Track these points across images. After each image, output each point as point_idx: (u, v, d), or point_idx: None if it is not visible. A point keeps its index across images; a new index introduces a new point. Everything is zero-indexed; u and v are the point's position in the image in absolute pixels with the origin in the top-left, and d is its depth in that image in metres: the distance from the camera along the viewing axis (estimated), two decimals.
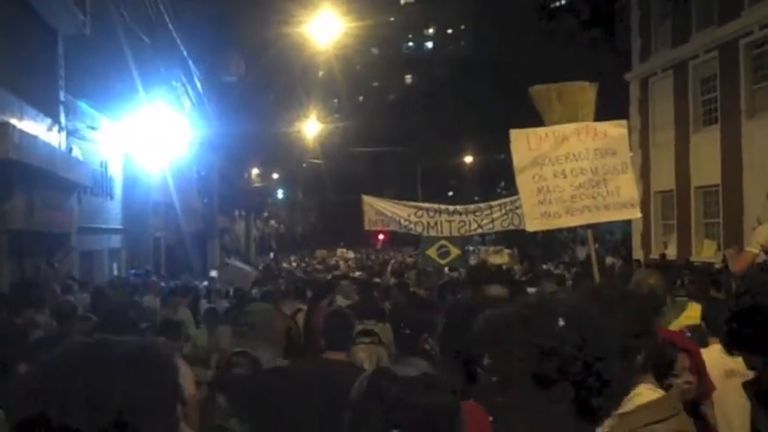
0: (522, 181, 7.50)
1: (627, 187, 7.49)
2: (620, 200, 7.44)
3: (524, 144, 7.49)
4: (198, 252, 28.80)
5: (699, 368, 5.20)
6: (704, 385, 5.16)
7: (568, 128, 7.48)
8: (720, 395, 5.21)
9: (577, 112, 7.58)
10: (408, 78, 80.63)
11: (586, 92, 7.76)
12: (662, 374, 3.07)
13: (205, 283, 19.80)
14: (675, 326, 6.09)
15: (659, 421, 2.45)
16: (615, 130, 7.66)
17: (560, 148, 7.38)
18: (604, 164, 7.40)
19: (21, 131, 14.07)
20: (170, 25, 20.43)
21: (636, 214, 7.88)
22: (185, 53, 24.13)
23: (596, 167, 7.38)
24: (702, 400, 5.13)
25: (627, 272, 13.97)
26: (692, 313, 6.58)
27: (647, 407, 2.49)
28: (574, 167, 7.37)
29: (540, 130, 7.56)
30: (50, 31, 17.47)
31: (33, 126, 15.53)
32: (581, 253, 34.14)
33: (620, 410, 2.47)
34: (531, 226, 7.61)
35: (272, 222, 69.23)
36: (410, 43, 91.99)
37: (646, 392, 2.55)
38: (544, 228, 7.79)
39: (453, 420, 2.75)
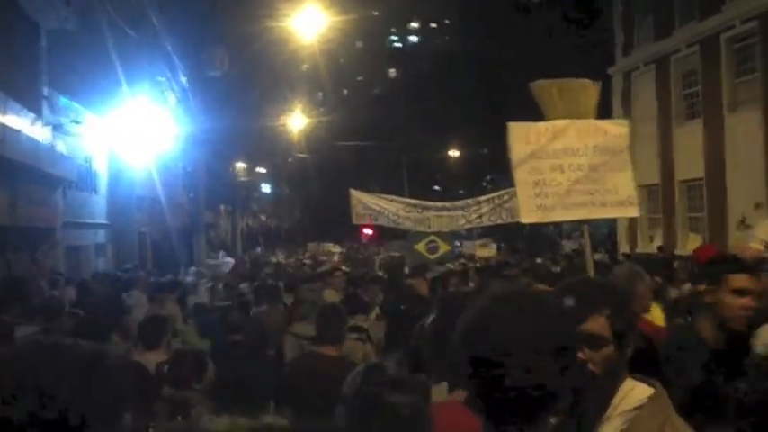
0: (518, 173, 7.45)
1: (625, 185, 7.43)
2: (617, 198, 7.40)
3: (523, 137, 7.43)
4: (184, 247, 28.73)
5: None
6: None
7: (568, 123, 7.44)
8: None
9: (578, 109, 7.54)
10: (393, 72, 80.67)
11: (588, 90, 7.72)
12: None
13: (190, 278, 19.69)
14: None
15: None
16: (616, 129, 7.62)
17: (559, 143, 7.33)
18: (603, 161, 7.36)
19: (4, 126, 14.04)
20: (154, 20, 20.37)
21: (634, 213, 7.78)
22: (169, 48, 24.04)
23: (594, 164, 7.34)
24: None
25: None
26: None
27: (653, 405, 2.48)
28: (572, 163, 7.33)
29: (540, 125, 7.51)
30: (33, 26, 17.39)
31: (17, 121, 15.47)
32: (567, 247, 34.35)
33: (623, 409, 2.48)
34: (526, 218, 7.56)
35: (263, 218, 69.10)
36: (394, 37, 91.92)
37: (640, 386, 2.52)
38: (538, 221, 7.78)
39: (416, 420, 2.84)
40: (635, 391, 2.51)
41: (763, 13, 20.30)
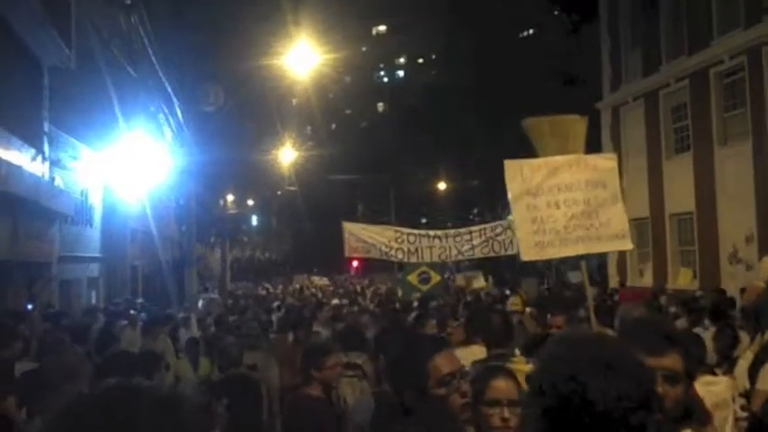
0: (516, 210, 7.57)
1: (617, 219, 7.55)
2: (611, 231, 7.51)
3: (518, 174, 7.55)
4: (175, 280, 28.68)
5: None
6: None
7: (561, 159, 7.56)
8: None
9: (568, 143, 7.70)
10: (380, 106, 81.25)
11: (577, 124, 7.90)
12: None
13: (182, 314, 19.60)
14: None
15: None
16: (605, 163, 7.77)
17: (553, 179, 7.45)
18: (596, 195, 7.48)
19: (7, 162, 14.11)
20: (153, 57, 20.58)
21: (627, 246, 7.93)
22: (167, 85, 24.24)
23: (588, 199, 7.46)
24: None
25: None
26: None
27: None
28: (567, 198, 7.44)
29: (534, 161, 7.65)
30: (36, 64, 17.60)
31: (18, 156, 15.56)
32: (552, 278, 34.55)
33: None
34: (527, 255, 7.64)
35: (257, 253, 69.05)
36: (382, 72, 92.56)
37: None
38: (539, 257, 7.84)
39: None
40: None
41: (750, 49, 20.61)
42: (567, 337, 2.16)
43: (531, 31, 55.18)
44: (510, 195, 7.63)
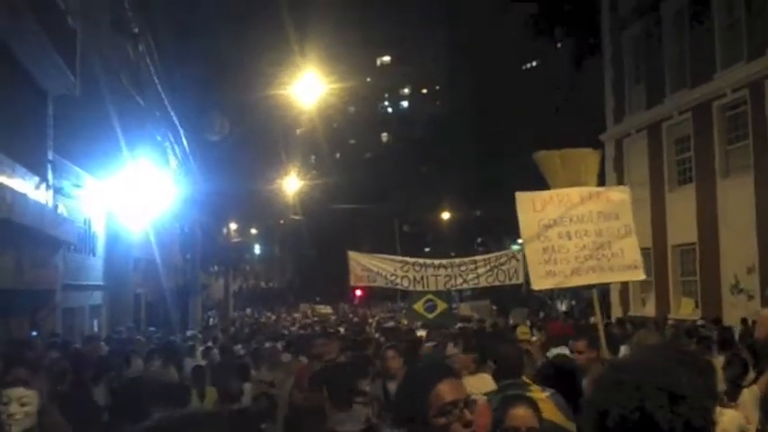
0: (527, 241, 7.66)
1: (630, 250, 7.64)
2: (624, 262, 7.58)
3: (530, 206, 7.64)
4: (178, 308, 28.65)
5: None
6: None
7: (572, 192, 7.65)
8: None
9: (580, 176, 7.78)
10: (384, 136, 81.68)
11: (590, 157, 7.98)
12: None
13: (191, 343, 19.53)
14: None
15: None
16: (617, 195, 7.88)
17: (565, 211, 7.54)
18: (608, 227, 7.56)
19: (11, 190, 14.15)
20: (159, 87, 20.75)
21: (640, 276, 8.05)
22: (173, 114, 24.39)
23: (600, 230, 7.54)
24: None
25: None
26: None
27: None
28: (578, 229, 7.52)
29: (545, 193, 7.74)
30: (41, 93, 17.68)
31: (22, 184, 15.59)
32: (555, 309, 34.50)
33: None
34: (538, 284, 7.71)
35: (262, 283, 69.04)
36: (386, 102, 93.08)
37: None
38: (550, 286, 7.92)
39: None
40: None
41: (752, 82, 20.71)
42: (629, 364, 2.13)
43: (534, 63, 55.56)
44: (521, 226, 7.72)
